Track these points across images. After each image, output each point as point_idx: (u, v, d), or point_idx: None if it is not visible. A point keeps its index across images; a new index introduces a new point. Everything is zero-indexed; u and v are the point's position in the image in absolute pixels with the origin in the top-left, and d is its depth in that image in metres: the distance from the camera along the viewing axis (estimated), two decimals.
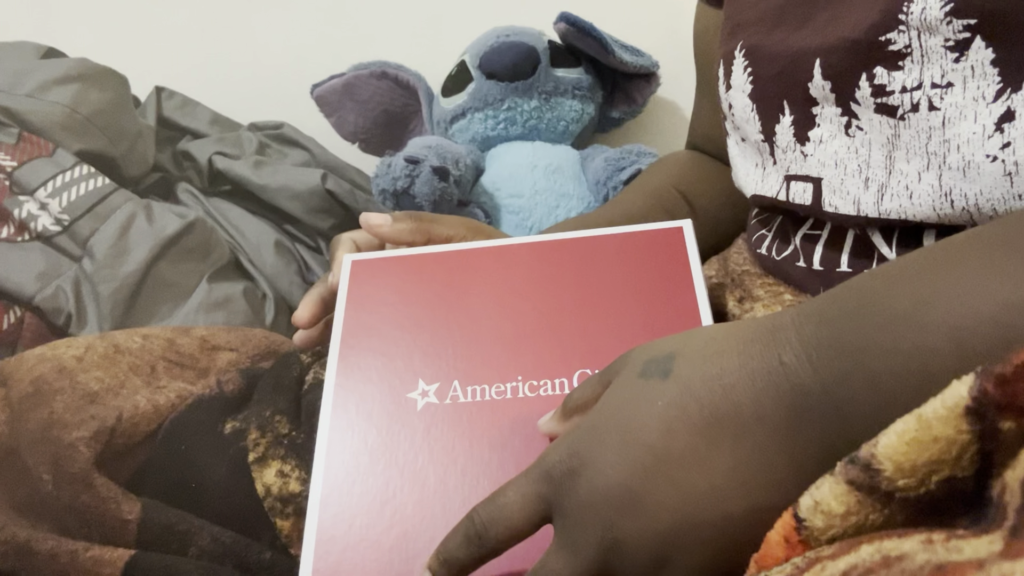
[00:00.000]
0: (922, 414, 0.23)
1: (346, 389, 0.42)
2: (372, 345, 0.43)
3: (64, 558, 0.39)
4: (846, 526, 0.25)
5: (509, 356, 0.42)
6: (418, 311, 0.44)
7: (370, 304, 0.45)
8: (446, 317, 0.44)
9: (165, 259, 0.81)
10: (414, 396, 0.41)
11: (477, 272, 0.45)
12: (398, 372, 0.42)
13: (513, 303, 0.44)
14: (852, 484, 0.24)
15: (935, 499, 0.23)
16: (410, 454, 0.40)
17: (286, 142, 1.06)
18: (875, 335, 0.27)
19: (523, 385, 0.40)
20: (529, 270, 0.45)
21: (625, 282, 0.43)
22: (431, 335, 0.43)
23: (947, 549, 0.20)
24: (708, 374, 0.30)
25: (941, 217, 0.37)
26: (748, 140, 0.49)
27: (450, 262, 0.46)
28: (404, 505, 0.38)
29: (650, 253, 0.44)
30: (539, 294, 0.44)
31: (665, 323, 0.42)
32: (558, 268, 0.44)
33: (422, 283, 0.45)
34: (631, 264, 0.44)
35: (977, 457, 0.22)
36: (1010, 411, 0.21)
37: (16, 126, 0.82)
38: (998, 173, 0.34)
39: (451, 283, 0.45)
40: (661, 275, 0.43)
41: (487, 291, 0.44)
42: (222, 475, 0.44)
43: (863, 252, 0.41)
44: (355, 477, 0.39)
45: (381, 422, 0.41)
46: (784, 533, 0.26)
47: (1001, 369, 0.21)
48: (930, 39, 0.35)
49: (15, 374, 0.47)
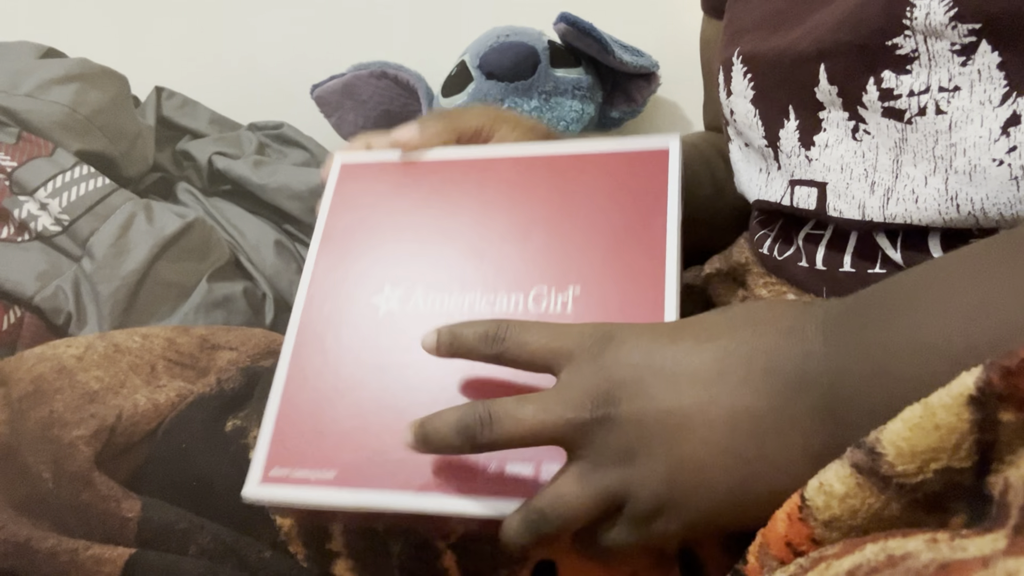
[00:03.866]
0: (928, 402, 0.23)
1: (318, 289, 0.44)
2: (348, 247, 0.45)
3: (64, 557, 0.39)
4: (844, 508, 0.25)
5: (473, 268, 0.43)
6: (397, 218, 0.45)
7: (352, 207, 0.46)
8: (422, 225, 0.45)
9: (165, 259, 0.81)
10: (378, 301, 0.43)
11: (460, 183, 0.46)
12: (368, 276, 0.44)
13: (488, 215, 0.44)
14: (856, 467, 0.24)
15: (933, 491, 0.23)
16: (371, 355, 0.41)
17: (286, 142, 1.06)
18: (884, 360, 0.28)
19: (481, 298, 0.41)
20: (510, 184, 0.45)
21: (598, 203, 0.43)
22: (405, 242, 0.44)
23: (952, 548, 0.20)
24: (739, 328, 0.32)
25: (947, 221, 0.37)
26: (752, 145, 0.49)
27: (436, 172, 0.47)
28: (362, 399, 0.40)
29: (630, 174, 0.43)
30: (515, 208, 0.44)
31: (628, 254, 0.41)
32: (539, 183, 0.45)
33: (406, 190, 0.46)
34: (609, 185, 0.43)
35: (975, 449, 0.22)
36: (1011, 403, 0.21)
37: (16, 126, 0.82)
38: (1004, 177, 0.34)
39: (434, 192, 0.46)
40: (635, 201, 0.43)
41: (466, 202, 0.45)
42: (222, 473, 0.44)
43: (866, 252, 0.41)
44: (317, 372, 0.41)
45: (347, 324, 0.43)
46: (788, 510, 0.27)
47: (1007, 361, 0.21)
48: (936, 43, 0.35)
49: (15, 373, 0.46)
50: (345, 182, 0.47)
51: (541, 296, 0.41)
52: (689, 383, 0.31)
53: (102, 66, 0.91)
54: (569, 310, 0.40)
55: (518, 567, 0.41)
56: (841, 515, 0.25)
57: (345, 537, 0.42)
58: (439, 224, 0.45)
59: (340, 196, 0.47)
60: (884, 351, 0.28)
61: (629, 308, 0.39)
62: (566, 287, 0.41)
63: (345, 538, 0.42)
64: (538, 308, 0.40)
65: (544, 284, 0.41)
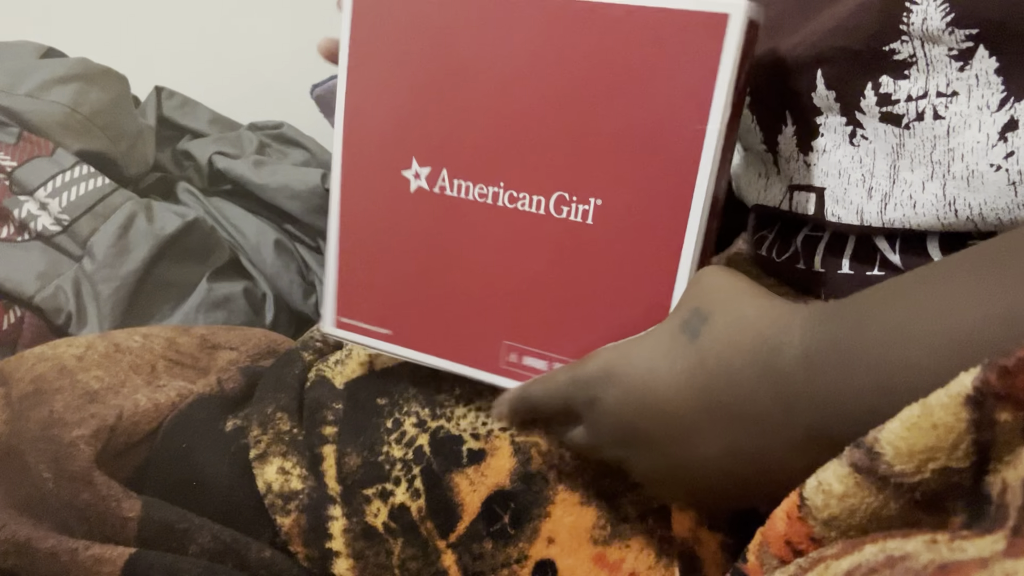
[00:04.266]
0: (927, 401, 0.23)
1: (353, 140, 0.44)
2: (375, 91, 0.43)
3: (64, 556, 0.39)
4: (842, 507, 0.25)
5: (497, 154, 0.40)
6: (418, 59, 0.41)
7: (374, 35, 0.42)
8: (447, 83, 0.41)
9: (165, 259, 0.81)
10: (408, 175, 0.42)
11: (483, 22, 0.39)
12: (396, 139, 0.43)
13: (516, 81, 0.39)
14: (854, 466, 0.25)
15: (931, 491, 0.23)
16: (411, 230, 0.43)
17: (286, 142, 1.07)
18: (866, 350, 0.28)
19: (503, 193, 0.40)
20: (542, 37, 0.38)
21: (635, 82, 0.36)
22: (428, 99, 0.41)
23: (951, 549, 0.20)
24: (723, 357, 0.33)
25: (945, 226, 0.37)
26: (751, 150, 0.48)
27: (457, 3, 0.40)
28: (410, 269, 0.43)
29: (677, 45, 0.35)
30: (546, 74, 0.38)
31: (656, 163, 0.37)
32: (573, 41, 0.37)
33: (426, 23, 0.41)
34: (650, 58, 0.36)
35: (973, 449, 0.22)
36: (1007, 402, 0.21)
37: (16, 126, 0.82)
38: (1002, 182, 0.34)
39: (454, 32, 0.40)
40: (676, 85, 0.36)
41: (494, 56, 0.39)
42: (222, 473, 0.44)
43: (865, 255, 0.41)
44: (366, 234, 0.44)
45: (383, 193, 0.43)
46: (787, 509, 0.27)
47: (1005, 361, 0.21)
48: (934, 48, 0.35)
49: (15, 373, 0.46)
50: (363, 5, 0.42)
51: (563, 203, 0.39)
52: (674, 411, 0.33)
53: (102, 66, 0.91)
54: (590, 220, 0.39)
55: (518, 567, 0.41)
56: (840, 514, 0.25)
57: (345, 536, 0.42)
58: (463, 84, 0.40)
59: (359, 21, 0.43)
60: (868, 370, 0.28)
61: (646, 237, 0.38)
62: (587, 198, 0.39)
63: (345, 537, 0.42)
64: (560, 215, 0.39)
65: (566, 191, 0.39)
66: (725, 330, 0.33)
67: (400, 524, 0.42)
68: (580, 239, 0.39)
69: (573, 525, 0.41)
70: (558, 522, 0.41)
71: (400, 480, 0.42)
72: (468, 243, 0.42)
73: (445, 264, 0.42)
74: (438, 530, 0.41)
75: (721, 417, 0.32)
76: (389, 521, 0.42)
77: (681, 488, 0.35)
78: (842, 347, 0.29)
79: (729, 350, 0.33)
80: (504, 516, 0.41)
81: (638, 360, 0.35)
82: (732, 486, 0.33)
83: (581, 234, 0.39)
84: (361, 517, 0.42)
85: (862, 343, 0.28)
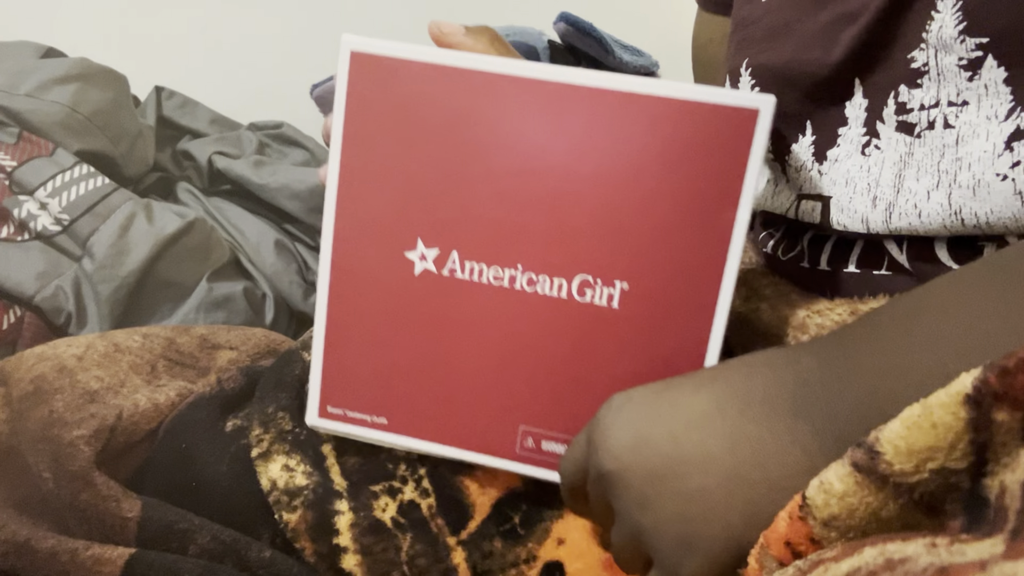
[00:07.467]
0: (927, 401, 0.23)
1: (346, 219, 0.40)
2: (372, 170, 0.39)
3: (64, 556, 0.39)
4: (842, 507, 0.25)
5: (512, 236, 0.38)
6: (424, 139, 0.39)
7: (372, 112, 0.39)
8: (453, 159, 0.38)
9: (165, 259, 0.81)
10: (412, 256, 0.40)
11: (497, 104, 0.37)
12: (398, 221, 0.40)
13: (530, 159, 0.37)
14: (855, 466, 0.25)
15: (930, 491, 0.23)
16: (413, 315, 0.40)
17: (286, 142, 1.07)
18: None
19: (521, 276, 0.38)
20: (558, 117, 0.37)
21: (660, 167, 0.36)
22: (435, 180, 0.39)
23: (950, 552, 0.20)
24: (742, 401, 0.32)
25: (952, 232, 0.37)
26: None
27: (468, 83, 0.38)
28: (407, 357, 0.41)
29: (705, 135, 0.36)
30: (562, 154, 0.37)
31: (684, 248, 0.36)
32: (594, 126, 0.37)
33: (432, 102, 0.38)
34: (676, 144, 0.36)
35: (970, 449, 0.22)
36: (1005, 402, 0.21)
37: (16, 126, 0.82)
38: (1008, 192, 0.34)
39: (465, 112, 0.38)
40: (704, 173, 0.36)
41: (504, 134, 0.38)
42: (223, 473, 0.44)
43: (872, 256, 0.41)
44: (357, 320, 0.41)
45: (381, 276, 0.40)
46: (789, 509, 0.27)
47: (1005, 361, 0.21)
48: (945, 57, 0.35)
49: (15, 373, 0.46)
50: (360, 78, 0.39)
51: (586, 286, 0.38)
52: (686, 428, 0.32)
53: (102, 66, 0.91)
54: (615, 305, 0.38)
55: (526, 566, 0.41)
56: (839, 514, 0.25)
57: (352, 531, 0.42)
58: (471, 161, 0.38)
59: (356, 95, 0.39)
60: (878, 374, 0.28)
61: (674, 321, 0.37)
62: (612, 281, 0.38)
63: (352, 532, 0.42)
64: (583, 299, 0.38)
65: (589, 274, 0.38)
66: (734, 360, 0.33)
67: (409, 519, 0.42)
68: (604, 323, 0.38)
69: (585, 527, 0.41)
70: (570, 523, 0.41)
71: (407, 479, 0.43)
72: (481, 327, 0.40)
73: (453, 348, 0.40)
74: (449, 527, 0.42)
75: (731, 400, 0.32)
76: (398, 516, 0.42)
77: (700, 528, 0.32)
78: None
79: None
80: (515, 517, 0.41)
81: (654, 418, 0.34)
82: (741, 503, 0.31)
83: (605, 318, 0.38)
84: (369, 512, 0.42)
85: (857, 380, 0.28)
